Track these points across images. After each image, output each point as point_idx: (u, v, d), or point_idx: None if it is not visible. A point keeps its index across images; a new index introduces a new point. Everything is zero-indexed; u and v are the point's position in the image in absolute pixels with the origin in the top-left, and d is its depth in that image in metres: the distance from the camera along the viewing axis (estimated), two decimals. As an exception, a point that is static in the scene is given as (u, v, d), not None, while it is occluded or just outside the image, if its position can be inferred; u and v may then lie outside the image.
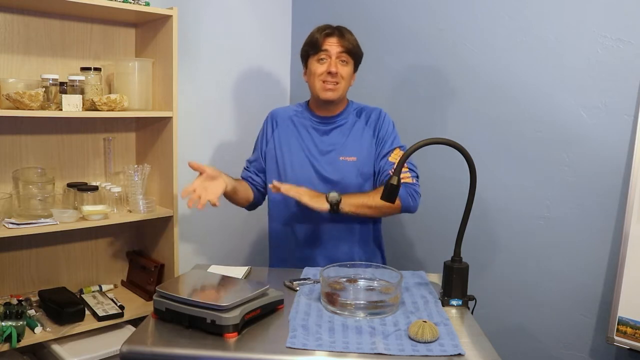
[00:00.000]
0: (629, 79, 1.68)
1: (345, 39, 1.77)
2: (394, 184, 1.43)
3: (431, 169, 2.17)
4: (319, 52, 1.77)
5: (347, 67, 1.78)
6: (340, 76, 1.76)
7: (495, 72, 2.01)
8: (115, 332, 2.01)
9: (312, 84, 1.80)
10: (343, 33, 1.78)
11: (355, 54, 1.80)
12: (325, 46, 1.76)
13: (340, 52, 1.76)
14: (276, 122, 1.90)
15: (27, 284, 2.10)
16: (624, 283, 1.65)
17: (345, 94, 1.84)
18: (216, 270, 1.65)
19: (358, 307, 1.36)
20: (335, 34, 1.77)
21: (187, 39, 2.36)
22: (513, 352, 2.00)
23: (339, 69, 1.76)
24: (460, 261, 1.47)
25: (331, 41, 1.76)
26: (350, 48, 1.77)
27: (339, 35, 1.77)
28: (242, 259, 2.74)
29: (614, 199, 1.74)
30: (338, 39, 1.76)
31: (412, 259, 2.35)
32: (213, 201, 1.60)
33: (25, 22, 1.98)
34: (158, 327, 1.30)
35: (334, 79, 1.76)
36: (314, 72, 1.78)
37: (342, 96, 1.81)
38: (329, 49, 1.76)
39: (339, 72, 1.76)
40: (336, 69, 1.75)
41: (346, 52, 1.77)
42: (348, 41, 1.77)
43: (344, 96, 1.85)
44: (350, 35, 1.80)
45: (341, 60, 1.77)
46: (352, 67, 1.81)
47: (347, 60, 1.78)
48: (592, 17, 1.75)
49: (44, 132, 2.08)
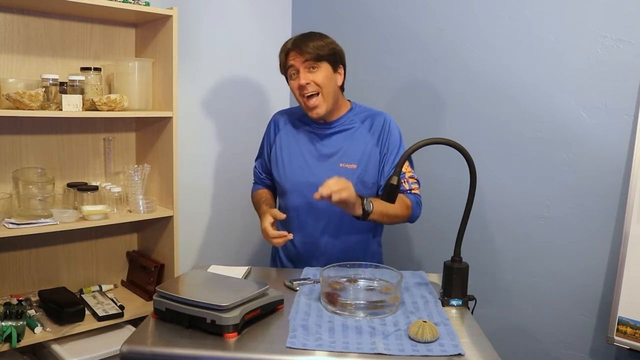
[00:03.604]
0: (629, 79, 1.68)
1: (304, 49, 1.71)
2: (393, 184, 1.43)
3: (431, 169, 2.17)
4: (288, 70, 1.76)
5: (319, 71, 1.72)
6: (315, 84, 1.72)
7: (495, 72, 2.01)
8: (115, 332, 2.01)
9: (299, 102, 1.79)
10: (299, 45, 1.72)
11: (324, 55, 1.73)
12: (290, 62, 1.74)
13: (304, 62, 1.71)
14: (278, 126, 1.90)
15: (27, 284, 2.10)
16: (624, 283, 1.65)
17: (336, 98, 1.78)
18: (216, 270, 1.65)
19: (358, 307, 1.36)
20: (293, 48, 1.73)
21: (187, 39, 2.37)
22: (513, 352, 2.00)
23: (309, 78, 1.71)
24: (460, 261, 1.47)
25: (292, 55, 1.73)
26: (313, 53, 1.71)
27: (296, 49, 1.72)
28: (242, 259, 2.74)
29: (614, 199, 1.74)
30: (296, 52, 1.72)
31: (412, 259, 2.35)
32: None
33: (25, 22, 1.98)
34: (158, 327, 1.30)
35: (309, 91, 1.72)
36: (293, 89, 1.78)
37: (331, 103, 1.76)
38: (293, 63, 1.73)
39: (310, 80, 1.71)
40: (305, 79, 1.71)
41: (311, 59, 1.71)
42: (308, 48, 1.71)
43: (336, 100, 1.79)
44: (311, 40, 1.73)
45: (310, 67, 1.72)
46: (327, 68, 1.74)
47: (316, 65, 1.72)
48: (592, 17, 1.75)
49: (44, 132, 2.08)
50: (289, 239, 1.68)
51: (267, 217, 1.72)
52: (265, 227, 1.70)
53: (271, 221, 1.70)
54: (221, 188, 2.62)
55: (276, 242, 1.69)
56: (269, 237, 1.69)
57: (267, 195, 1.93)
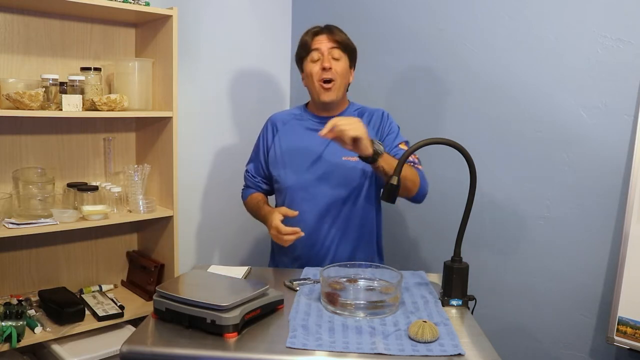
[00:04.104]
0: (629, 79, 1.68)
1: (334, 35, 1.78)
2: (394, 184, 1.43)
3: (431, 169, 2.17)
4: (311, 52, 1.78)
5: (341, 62, 1.78)
6: (335, 72, 1.76)
7: (495, 72, 2.01)
8: (115, 332, 2.01)
9: (310, 86, 1.81)
10: (331, 29, 1.79)
11: (348, 47, 1.79)
12: (315, 45, 1.78)
13: (331, 48, 1.77)
14: (276, 128, 1.90)
15: (27, 284, 2.10)
16: (624, 283, 1.65)
17: (344, 92, 1.84)
18: (216, 270, 1.65)
19: (358, 307, 1.36)
20: (324, 32, 1.79)
21: (187, 39, 2.37)
22: (513, 352, 2.00)
23: (332, 65, 1.76)
24: (460, 261, 1.47)
25: (320, 39, 1.78)
26: (340, 42, 1.77)
27: (328, 32, 1.78)
28: (242, 259, 2.75)
29: (614, 199, 1.74)
30: (327, 36, 1.78)
31: (412, 259, 2.35)
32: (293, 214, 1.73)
33: (25, 22, 1.98)
34: (158, 327, 1.30)
35: (328, 75, 1.75)
36: (311, 73, 1.78)
37: (340, 95, 1.81)
38: (320, 46, 1.77)
39: (332, 67, 1.76)
40: (329, 64, 1.75)
41: (337, 47, 1.77)
42: (337, 36, 1.78)
43: (343, 95, 1.84)
44: (339, 31, 1.80)
45: (333, 57, 1.77)
46: (346, 62, 1.80)
47: (340, 56, 1.78)
48: (592, 17, 1.75)
49: (44, 132, 2.08)
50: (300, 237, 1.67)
51: (276, 215, 1.70)
52: (277, 225, 1.67)
53: (281, 218, 1.69)
54: (221, 188, 2.62)
55: (288, 239, 1.67)
56: (281, 234, 1.67)
57: (263, 198, 1.94)
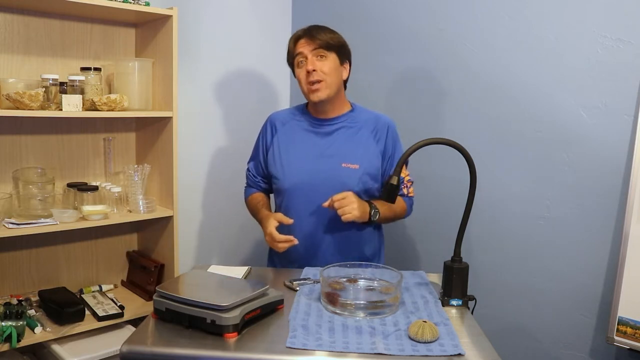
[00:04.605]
0: (629, 79, 1.68)
1: (313, 37, 1.75)
2: (394, 184, 1.43)
3: (431, 169, 2.18)
4: (296, 57, 1.78)
5: (327, 61, 1.75)
6: (321, 72, 1.74)
7: (495, 72, 2.01)
8: (115, 332, 2.01)
9: (302, 90, 1.80)
10: (311, 32, 1.76)
11: (333, 45, 1.76)
12: (298, 49, 1.77)
13: (313, 50, 1.75)
14: (275, 128, 1.89)
15: (27, 284, 2.10)
16: (624, 283, 1.65)
17: (338, 89, 1.80)
18: (216, 270, 1.65)
19: (358, 307, 1.36)
20: (304, 36, 1.77)
21: (187, 39, 2.37)
22: (513, 352, 2.00)
23: (316, 65, 1.73)
24: (460, 261, 1.47)
25: (302, 43, 1.77)
26: (323, 42, 1.75)
27: (307, 36, 1.76)
28: (242, 259, 2.75)
29: (614, 199, 1.74)
30: (307, 39, 1.76)
31: (412, 259, 2.35)
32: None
33: (25, 22, 1.98)
34: (158, 327, 1.30)
35: (314, 77, 1.74)
36: (299, 77, 1.79)
37: (332, 93, 1.77)
38: (302, 50, 1.76)
39: (317, 68, 1.73)
40: (313, 66, 1.73)
41: (320, 47, 1.75)
42: (318, 37, 1.75)
43: (337, 93, 1.80)
44: (322, 31, 1.77)
45: (319, 56, 1.75)
46: (334, 60, 1.77)
47: (325, 54, 1.75)
48: (592, 17, 1.75)
49: (44, 132, 2.08)
50: (293, 244, 1.68)
51: (271, 222, 1.71)
52: (271, 232, 1.69)
53: (276, 225, 1.70)
54: (221, 188, 2.62)
55: (281, 247, 1.69)
56: (275, 241, 1.69)
57: (263, 199, 1.93)
